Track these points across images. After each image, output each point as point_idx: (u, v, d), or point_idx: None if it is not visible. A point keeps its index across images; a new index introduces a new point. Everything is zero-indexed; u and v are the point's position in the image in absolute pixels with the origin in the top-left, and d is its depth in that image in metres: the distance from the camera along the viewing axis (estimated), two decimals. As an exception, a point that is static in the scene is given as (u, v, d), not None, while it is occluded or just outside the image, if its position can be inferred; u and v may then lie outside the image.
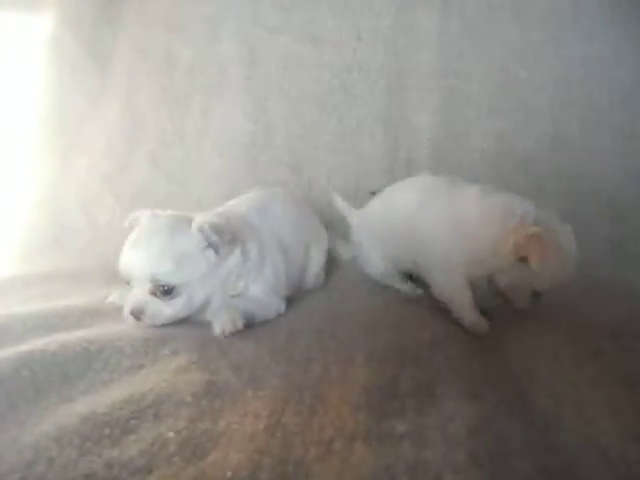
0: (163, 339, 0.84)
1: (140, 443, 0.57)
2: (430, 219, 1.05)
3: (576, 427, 0.63)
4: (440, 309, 1.03)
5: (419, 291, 1.17)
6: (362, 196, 1.53)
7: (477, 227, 0.97)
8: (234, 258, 0.97)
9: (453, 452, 0.57)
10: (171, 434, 0.58)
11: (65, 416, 0.61)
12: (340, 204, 1.37)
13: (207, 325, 0.92)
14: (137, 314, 0.89)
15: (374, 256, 1.23)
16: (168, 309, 0.90)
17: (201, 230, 0.91)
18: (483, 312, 0.98)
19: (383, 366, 0.78)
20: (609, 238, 1.39)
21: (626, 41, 1.50)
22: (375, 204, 1.27)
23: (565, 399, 0.71)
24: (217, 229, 0.92)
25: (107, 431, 0.58)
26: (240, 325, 0.91)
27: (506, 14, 1.55)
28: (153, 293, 0.89)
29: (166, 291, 0.89)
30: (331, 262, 1.37)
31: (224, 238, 0.93)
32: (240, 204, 1.15)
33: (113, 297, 1.06)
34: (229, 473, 0.52)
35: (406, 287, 1.19)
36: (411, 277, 1.21)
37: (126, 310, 0.90)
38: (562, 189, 1.42)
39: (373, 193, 1.53)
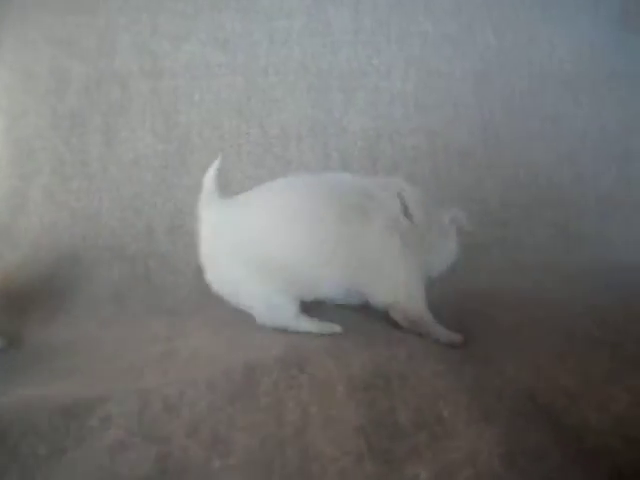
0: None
1: None
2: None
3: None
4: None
5: (336, 327, 0.88)
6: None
7: None
8: None
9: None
10: None
11: None
12: (209, 185, 0.92)
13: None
14: None
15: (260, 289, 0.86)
16: None
17: None
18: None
19: (370, 395, 0.65)
20: (553, 222, 1.38)
21: (538, 26, 1.52)
22: (259, 211, 0.87)
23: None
24: None
25: None
26: None
27: (419, 7, 1.52)
28: None
29: None
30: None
31: None
32: None
33: None
34: None
35: (327, 327, 0.89)
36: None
37: None
38: (501, 178, 1.40)
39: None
